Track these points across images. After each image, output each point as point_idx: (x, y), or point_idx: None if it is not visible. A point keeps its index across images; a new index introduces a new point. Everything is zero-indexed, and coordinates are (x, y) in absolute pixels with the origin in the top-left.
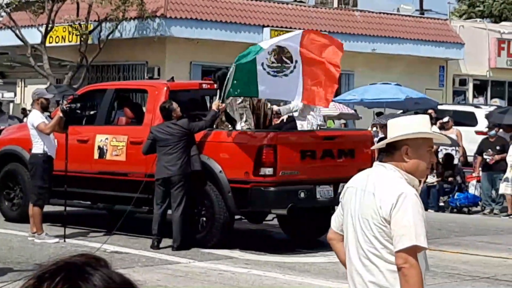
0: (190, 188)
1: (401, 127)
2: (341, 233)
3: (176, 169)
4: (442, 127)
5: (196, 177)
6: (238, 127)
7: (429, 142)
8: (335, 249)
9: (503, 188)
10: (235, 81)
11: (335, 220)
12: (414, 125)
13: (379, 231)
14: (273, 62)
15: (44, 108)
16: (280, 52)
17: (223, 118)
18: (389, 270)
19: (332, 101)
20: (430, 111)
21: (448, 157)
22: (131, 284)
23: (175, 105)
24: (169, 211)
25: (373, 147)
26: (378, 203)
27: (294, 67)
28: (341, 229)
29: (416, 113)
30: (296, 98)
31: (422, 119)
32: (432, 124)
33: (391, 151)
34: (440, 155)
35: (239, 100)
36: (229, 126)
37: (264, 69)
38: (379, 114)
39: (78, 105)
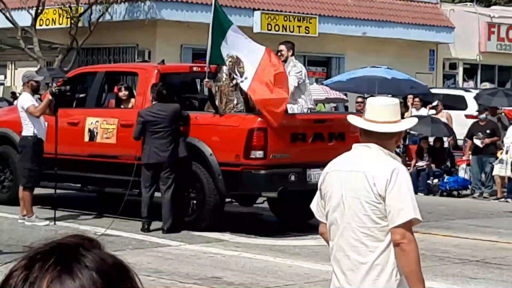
0: (179, 170)
1: (397, 112)
2: None
3: (167, 155)
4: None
5: (183, 161)
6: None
7: None
8: (329, 241)
9: (497, 169)
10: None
11: (320, 211)
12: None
13: (372, 209)
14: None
15: (34, 91)
16: (235, 64)
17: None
18: (379, 249)
19: (322, 84)
20: (410, 97)
21: (438, 141)
22: (124, 266)
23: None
24: (157, 194)
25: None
26: (371, 180)
27: (242, 81)
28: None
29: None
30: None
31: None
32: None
33: (378, 134)
34: (431, 139)
35: (231, 83)
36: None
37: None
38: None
39: (68, 87)
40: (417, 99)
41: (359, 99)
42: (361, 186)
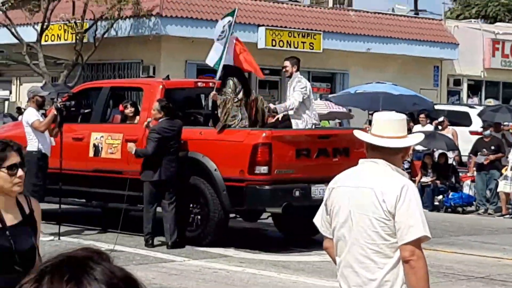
0: (182, 185)
1: (404, 128)
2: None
3: (174, 170)
4: (436, 127)
5: (185, 176)
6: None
7: None
8: (333, 256)
9: (501, 186)
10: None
11: (325, 226)
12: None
13: (381, 226)
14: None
15: (39, 106)
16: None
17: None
18: (388, 265)
19: (326, 100)
20: (422, 115)
21: (443, 157)
22: (133, 279)
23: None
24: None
25: (411, 143)
26: (380, 197)
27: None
28: (331, 233)
29: (411, 113)
30: (228, 61)
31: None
32: (427, 123)
33: (385, 149)
34: (435, 155)
35: (236, 99)
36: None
37: (218, 39)
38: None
39: (73, 103)
40: (422, 115)
41: None
42: (369, 202)
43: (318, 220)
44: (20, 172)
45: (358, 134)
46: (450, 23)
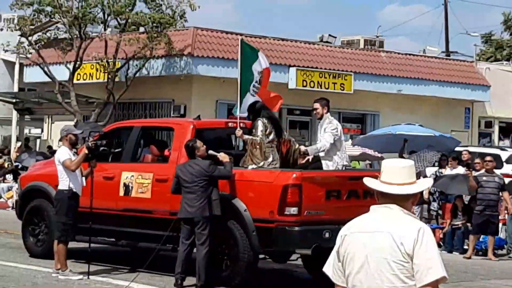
0: (214, 228)
1: (413, 174)
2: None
3: (194, 211)
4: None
5: (219, 219)
6: (263, 164)
7: None
8: None
9: None
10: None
11: (337, 274)
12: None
13: (400, 268)
14: (256, 82)
15: (72, 144)
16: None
17: (247, 158)
18: None
19: (354, 145)
20: (465, 153)
21: (474, 199)
22: None
23: (199, 143)
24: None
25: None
26: (398, 240)
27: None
28: (344, 281)
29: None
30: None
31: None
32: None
33: (396, 196)
34: (466, 198)
35: (267, 139)
36: (253, 164)
37: (250, 91)
38: (411, 152)
39: (104, 142)
40: (450, 158)
41: (488, 158)
42: (387, 245)
43: (329, 268)
44: None
45: (367, 182)
46: (482, 65)
